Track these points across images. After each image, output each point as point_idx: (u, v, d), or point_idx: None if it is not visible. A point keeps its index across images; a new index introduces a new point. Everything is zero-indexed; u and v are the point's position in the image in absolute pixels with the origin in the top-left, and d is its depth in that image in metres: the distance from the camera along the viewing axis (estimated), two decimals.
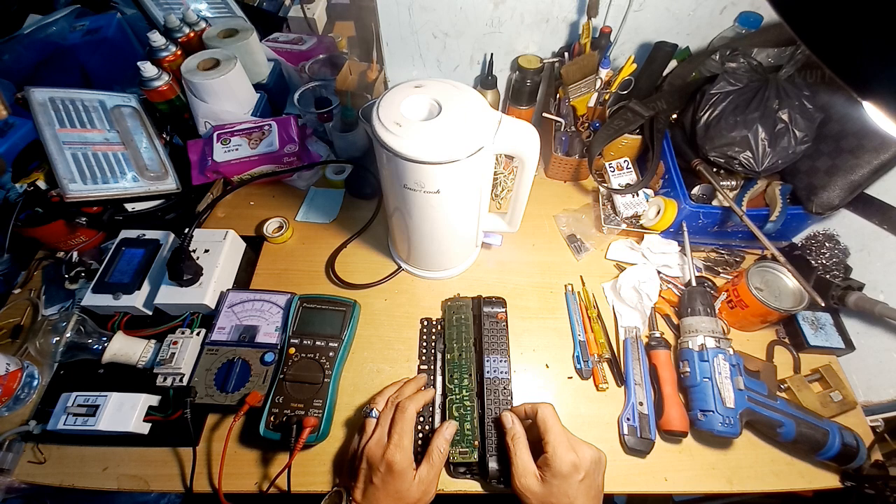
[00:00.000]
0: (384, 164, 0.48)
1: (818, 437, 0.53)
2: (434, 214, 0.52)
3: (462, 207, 0.54)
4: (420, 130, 0.44)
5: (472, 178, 0.49)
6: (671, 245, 0.72)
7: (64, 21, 0.97)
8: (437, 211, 0.52)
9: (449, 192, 0.48)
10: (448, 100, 0.47)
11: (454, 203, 0.51)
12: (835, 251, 0.66)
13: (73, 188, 0.64)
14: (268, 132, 0.76)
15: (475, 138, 0.44)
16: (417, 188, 0.47)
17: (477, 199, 0.54)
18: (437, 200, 0.49)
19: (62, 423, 0.52)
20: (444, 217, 0.53)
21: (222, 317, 0.60)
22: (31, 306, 0.66)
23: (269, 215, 0.75)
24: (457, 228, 0.58)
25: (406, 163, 0.43)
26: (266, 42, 0.99)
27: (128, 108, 0.76)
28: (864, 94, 0.18)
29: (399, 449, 0.45)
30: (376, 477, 0.44)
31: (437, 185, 0.46)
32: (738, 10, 0.71)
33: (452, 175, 0.46)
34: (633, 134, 0.75)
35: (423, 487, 0.46)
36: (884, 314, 0.57)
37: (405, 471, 0.45)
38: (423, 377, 0.56)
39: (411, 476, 0.45)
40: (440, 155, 0.43)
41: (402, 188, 0.48)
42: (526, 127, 0.48)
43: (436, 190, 0.47)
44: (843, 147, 0.62)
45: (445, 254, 0.65)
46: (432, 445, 0.48)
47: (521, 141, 0.48)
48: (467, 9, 0.73)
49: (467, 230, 0.60)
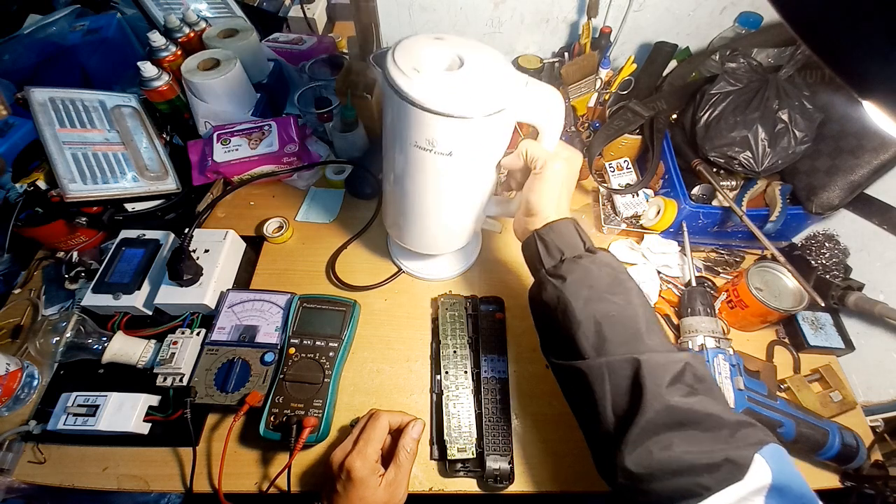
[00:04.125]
0: (394, 117, 0.43)
1: (818, 437, 0.53)
2: (441, 184, 0.47)
3: (472, 179, 0.49)
4: (440, 80, 0.40)
5: (489, 143, 0.45)
6: (671, 245, 0.72)
7: (64, 21, 0.97)
8: (445, 179, 0.47)
9: (462, 157, 0.43)
10: (471, 55, 0.43)
11: (465, 171, 0.46)
12: (835, 251, 0.66)
13: (73, 188, 0.64)
14: (268, 132, 0.76)
15: (499, 97, 0.40)
16: (428, 148, 0.42)
17: (488, 172, 0.49)
18: (447, 166, 0.44)
19: (62, 423, 0.52)
20: (450, 188, 0.48)
21: (222, 317, 0.60)
22: (31, 306, 0.66)
23: (269, 215, 0.75)
24: (462, 204, 0.52)
25: (421, 114, 0.39)
26: (266, 42, 0.99)
27: (128, 108, 0.76)
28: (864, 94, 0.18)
29: (360, 456, 0.44)
30: (339, 484, 0.44)
31: (451, 145, 0.42)
32: (738, 10, 0.71)
33: (470, 135, 0.41)
34: (633, 134, 0.75)
35: (391, 490, 0.45)
36: (884, 314, 0.57)
37: (366, 478, 0.44)
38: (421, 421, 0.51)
39: (375, 483, 0.44)
40: (461, 108, 0.39)
41: (411, 147, 0.43)
42: (553, 92, 0.44)
43: (448, 152, 0.42)
44: (843, 147, 0.62)
45: (445, 234, 0.59)
46: (399, 446, 0.47)
47: (546, 107, 0.44)
48: (467, 9, 0.73)
49: (472, 208, 0.54)
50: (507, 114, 0.41)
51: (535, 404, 0.59)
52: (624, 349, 0.36)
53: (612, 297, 0.38)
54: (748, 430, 0.31)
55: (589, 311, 0.38)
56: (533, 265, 0.45)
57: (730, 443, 0.31)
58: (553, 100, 0.44)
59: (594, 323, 0.37)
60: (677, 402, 0.32)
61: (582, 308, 0.38)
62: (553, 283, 0.40)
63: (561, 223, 0.43)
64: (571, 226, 0.43)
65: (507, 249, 0.73)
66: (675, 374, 0.33)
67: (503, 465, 0.51)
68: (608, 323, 0.37)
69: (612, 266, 0.41)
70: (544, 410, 0.58)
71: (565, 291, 0.39)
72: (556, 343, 0.42)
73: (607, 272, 0.40)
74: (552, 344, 0.43)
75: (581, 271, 0.40)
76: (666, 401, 0.32)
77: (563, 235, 0.42)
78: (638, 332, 0.37)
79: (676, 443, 0.31)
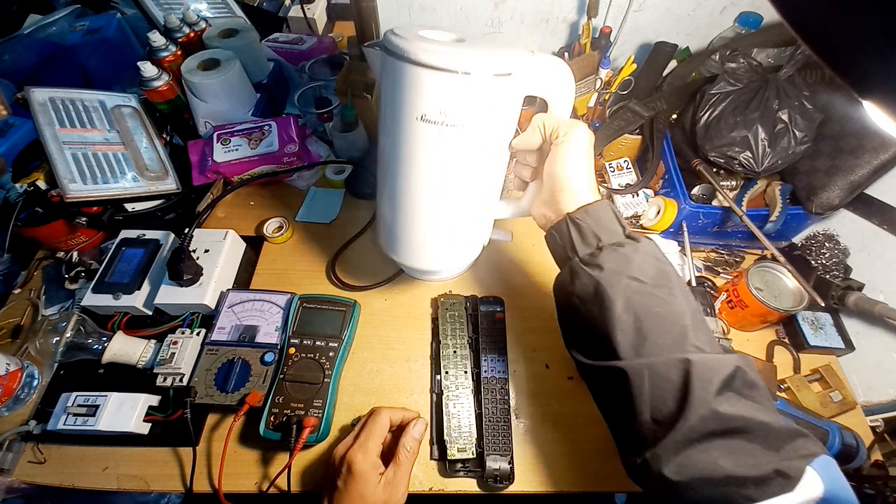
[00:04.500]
0: (394, 91, 0.39)
1: (818, 437, 0.53)
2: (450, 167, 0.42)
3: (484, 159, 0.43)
4: (446, 45, 0.37)
5: (499, 113, 0.41)
6: (671, 245, 0.72)
7: (64, 21, 0.97)
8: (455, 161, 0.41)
9: (474, 130, 0.39)
10: (470, 37, 0.42)
11: (476, 148, 0.41)
12: (835, 251, 0.66)
13: (73, 188, 0.64)
14: (268, 132, 0.76)
15: (507, 59, 0.37)
16: (438, 119, 0.38)
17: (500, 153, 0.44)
18: (458, 141, 0.40)
19: (62, 423, 0.52)
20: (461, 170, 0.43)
21: (222, 317, 0.60)
22: (31, 306, 0.66)
23: (269, 215, 0.75)
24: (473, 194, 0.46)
25: (429, 76, 0.36)
26: (266, 42, 0.99)
27: (128, 108, 0.76)
28: (864, 94, 0.18)
29: (361, 450, 0.43)
30: (339, 479, 0.43)
31: (464, 114, 0.38)
32: (738, 11, 0.71)
33: (480, 99, 0.38)
34: (633, 134, 0.75)
35: (391, 489, 0.43)
36: (883, 314, 0.57)
37: (367, 472, 0.43)
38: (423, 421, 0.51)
39: (376, 479, 0.43)
40: (470, 65, 0.35)
41: (417, 121, 0.39)
42: (559, 62, 0.41)
43: (461, 122, 0.38)
44: (843, 147, 0.62)
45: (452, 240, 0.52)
46: (399, 445, 0.46)
47: (555, 76, 0.41)
48: (467, 9, 0.73)
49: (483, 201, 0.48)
50: (516, 80, 0.38)
51: (535, 404, 0.59)
52: (669, 349, 0.33)
53: (656, 291, 0.35)
54: (800, 440, 0.29)
55: (630, 305, 0.34)
56: (563, 252, 0.40)
57: (780, 454, 0.29)
58: (561, 69, 0.41)
59: (634, 319, 0.34)
60: (726, 410, 0.29)
61: (622, 302, 0.34)
62: (588, 273, 0.36)
63: (597, 205, 0.38)
64: (609, 208, 0.39)
65: (508, 249, 0.74)
66: (724, 379, 0.31)
67: (503, 465, 0.51)
68: (651, 320, 0.34)
69: (657, 256, 0.37)
70: (544, 410, 0.58)
71: (603, 282, 0.35)
72: (587, 339, 0.38)
73: (651, 263, 0.36)
74: (581, 340, 0.39)
75: (621, 261, 0.36)
76: (713, 407, 0.30)
77: (600, 220, 0.38)
78: (684, 330, 0.33)
79: (722, 452, 0.29)
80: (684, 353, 0.32)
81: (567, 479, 0.54)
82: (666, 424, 0.31)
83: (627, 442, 0.35)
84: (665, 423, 0.31)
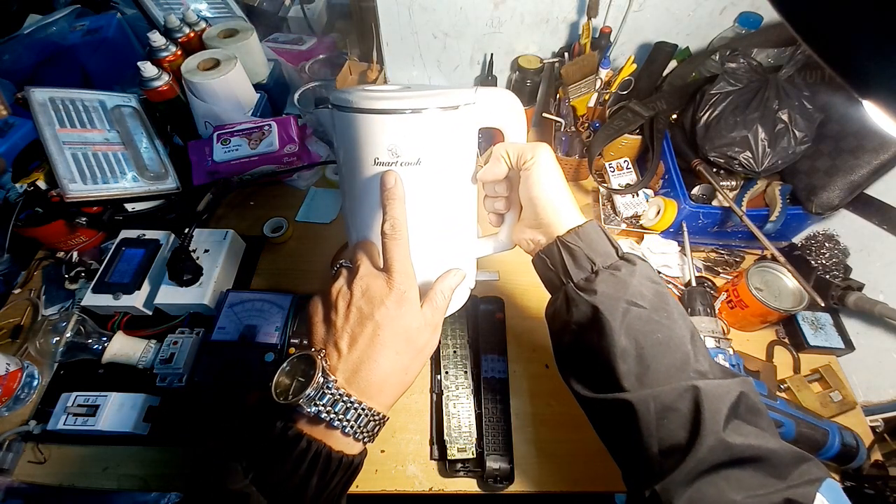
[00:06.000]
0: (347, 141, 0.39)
1: (818, 437, 0.53)
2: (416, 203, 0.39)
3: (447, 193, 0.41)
4: (391, 93, 0.38)
5: (457, 147, 0.40)
6: (671, 245, 0.72)
7: (64, 21, 0.97)
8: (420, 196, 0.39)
9: (432, 164, 0.38)
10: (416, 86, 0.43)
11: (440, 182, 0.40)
12: (835, 251, 0.66)
13: (73, 188, 0.64)
14: (268, 132, 0.76)
15: (452, 95, 0.37)
16: (392, 159, 0.37)
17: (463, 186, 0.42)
18: (418, 178, 0.38)
19: (62, 423, 0.52)
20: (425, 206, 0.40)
21: (222, 317, 0.60)
22: (31, 306, 0.66)
23: (269, 215, 0.75)
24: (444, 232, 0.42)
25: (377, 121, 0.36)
26: (266, 42, 0.99)
27: (128, 108, 0.76)
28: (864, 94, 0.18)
29: (407, 277, 0.34)
30: (379, 312, 0.32)
31: (418, 149, 0.37)
32: (738, 11, 0.71)
33: (435, 134, 0.37)
34: (633, 134, 0.75)
35: (431, 332, 0.35)
36: (883, 314, 0.57)
37: (416, 302, 0.34)
38: (461, 272, 0.40)
39: (420, 312, 0.34)
40: (415, 103, 0.36)
41: (372, 166, 0.38)
42: (504, 91, 0.41)
43: (416, 160, 0.37)
44: (843, 147, 0.62)
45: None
46: (434, 288, 0.37)
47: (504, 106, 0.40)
48: (467, 9, 0.73)
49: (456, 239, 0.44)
50: (465, 113, 0.38)
51: (535, 404, 0.59)
52: (673, 377, 0.31)
53: (655, 315, 0.34)
54: (806, 465, 0.29)
55: (631, 332, 0.33)
56: (555, 278, 0.39)
57: (788, 481, 0.28)
58: (508, 97, 0.41)
59: (636, 346, 0.32)
60: (734, 440, 0.29)
61: (622, 329, 0.33)
62: (585, 300, 0.35)
63: (588, 227, 0.36)
64: (599, 229, 0.37)
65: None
66: (731, 406, 0.30)
67: (503, 465, 0.51)
68: (653, 347, 0.32)
69: (653, 279, 0.36)
70: (544, 410, 0.58)
71: (601, 308, 0.33)
72: (586, 368, 0.36)
73: (648, 286, 0.35)
74: (579, 369, 0.37)
75: (619, 285, 0.34)
76: (722, 437, 0.29)
77: (592, 242, 0.36)
78: (686, 356, 0.32)
79: (732, 484, 0.28)
80: (689, 379, 0.31)
81: (567, 479, 0.54)
82: (675, 456, 0.30)
83: (634, 473, 0.34)
84: (674, 454, 0.30)
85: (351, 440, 0.31)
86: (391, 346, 0.32)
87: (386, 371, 0.32)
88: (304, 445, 0.29)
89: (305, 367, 0.32)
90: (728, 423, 0.30)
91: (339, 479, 0.31)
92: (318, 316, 0.36)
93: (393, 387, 0.33)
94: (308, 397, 0.30)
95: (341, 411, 0.30)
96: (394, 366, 0.33)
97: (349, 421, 0.31)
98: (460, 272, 0.40)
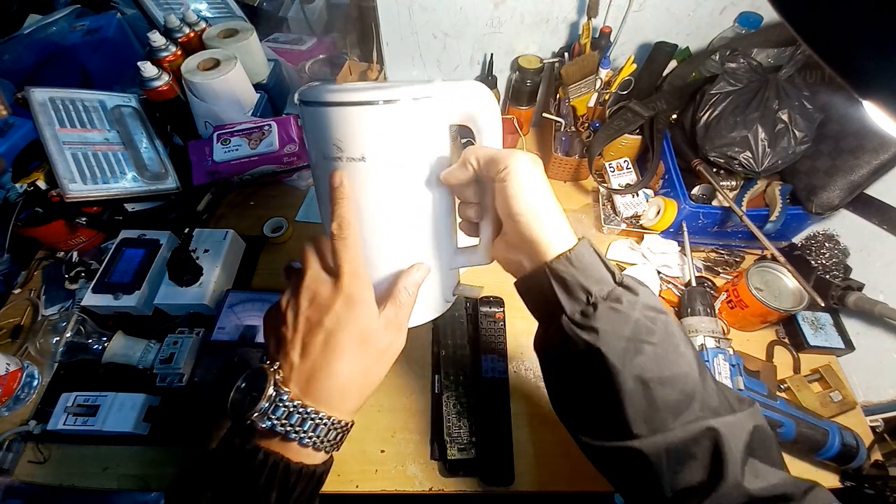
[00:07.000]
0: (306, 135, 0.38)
1: (818, 437, 0.53)
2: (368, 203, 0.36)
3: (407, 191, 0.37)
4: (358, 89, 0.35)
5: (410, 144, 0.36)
6: (671, 245, 0.72)
7: (64, 21, 0.97)
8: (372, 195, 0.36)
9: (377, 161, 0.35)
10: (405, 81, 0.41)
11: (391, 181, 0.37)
12: (835, 251, 0.66)
13: (73, 188, 0.64)
14: (268, 132, 0.76)
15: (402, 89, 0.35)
16: (338, 155, 0.35)
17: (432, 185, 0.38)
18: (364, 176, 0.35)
19: (62, 423, 0.52)
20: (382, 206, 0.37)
21: (222, 317, 0.60)
22: (31, 306, 0.66)
23: (269, 215, 0.75)
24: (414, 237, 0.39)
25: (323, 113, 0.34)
26: (266, 42, 0.99)
27: (128, 108, 0.76)
28: (864, 94, 0.18)
29: (356, 278, 0.32)
30: (328, 318, 0.31)
31: (361, 146, 0.35)
32: (738, 11, 0.71)
33: (380, 130, 0.34)
34: (633, 134, 0.75)
35: (394, 331, 0.34)
36: (883, 314, 0.57)
37: (369, 301, 0.32)
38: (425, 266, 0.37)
39: (376, 312, 0.33)
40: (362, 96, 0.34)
41: (323, 160, 0.36)
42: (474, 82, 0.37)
43: (360, 156, 0.35)
44: (843, 147, 0.62)
45: None
46: (397, 285, 0.35)
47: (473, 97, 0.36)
48: (467, 9, 0.73)
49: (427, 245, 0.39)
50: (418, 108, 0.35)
51: (535, 404, 0.59)
52: (684, 416, 0.30)
53: (662, 351, 0.31)
54: (814, 492, 0.28)
55: (638, 373, 0.30)
56: (543, 306, 0.34)
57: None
58: (475, 91, 0.36)
59: (644, 388, 0.30)
60: (752, 487, 0.28)
61: (628, 371, 0.30)
62: (584, 339, 0.31)
63: (580, 250, 0.31)
64: (592, 250, 0.32)
65: None
66: (746, 445, 0.29)
67: (503, 465, 0.51)
68: (662, 386, 0.30)
69: (657, 308, 0.32)
70: (544, 410, 0.58)
71: (604, 350, 0.30)
72: (587, 411, 0.34)
73: (652, 318, 0.31)
74: (579, 411, 0.35)
75: (622, 322, 0.31)
76: (740, 483, 0.28)
77: (586, 268, 0.31)
78: (695, 390, 0.30)
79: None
80: (701, 419, 0.29)
81: (567, 479, 0.54)
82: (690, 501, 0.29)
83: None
84: (689, 499, 0.29)
85: (310, 450, 0.31)
86: (346, 350, 0.31)
87: (344, 377, 0.31)
88: (262, 458, 0.29)
89: (259, 382, 0.31)
90: (745, 466, 0.28)
91: (303, 490, 0.30)
92: (271, 329, 0.35)
93: (355, 392, 0.32)
94: (261, 411, 0.29)
95: (297, 423, 0.30)
96: (352, 370, 0.32)
97: (306, 432, 0.30)
98: (424, 267, 0.37)
